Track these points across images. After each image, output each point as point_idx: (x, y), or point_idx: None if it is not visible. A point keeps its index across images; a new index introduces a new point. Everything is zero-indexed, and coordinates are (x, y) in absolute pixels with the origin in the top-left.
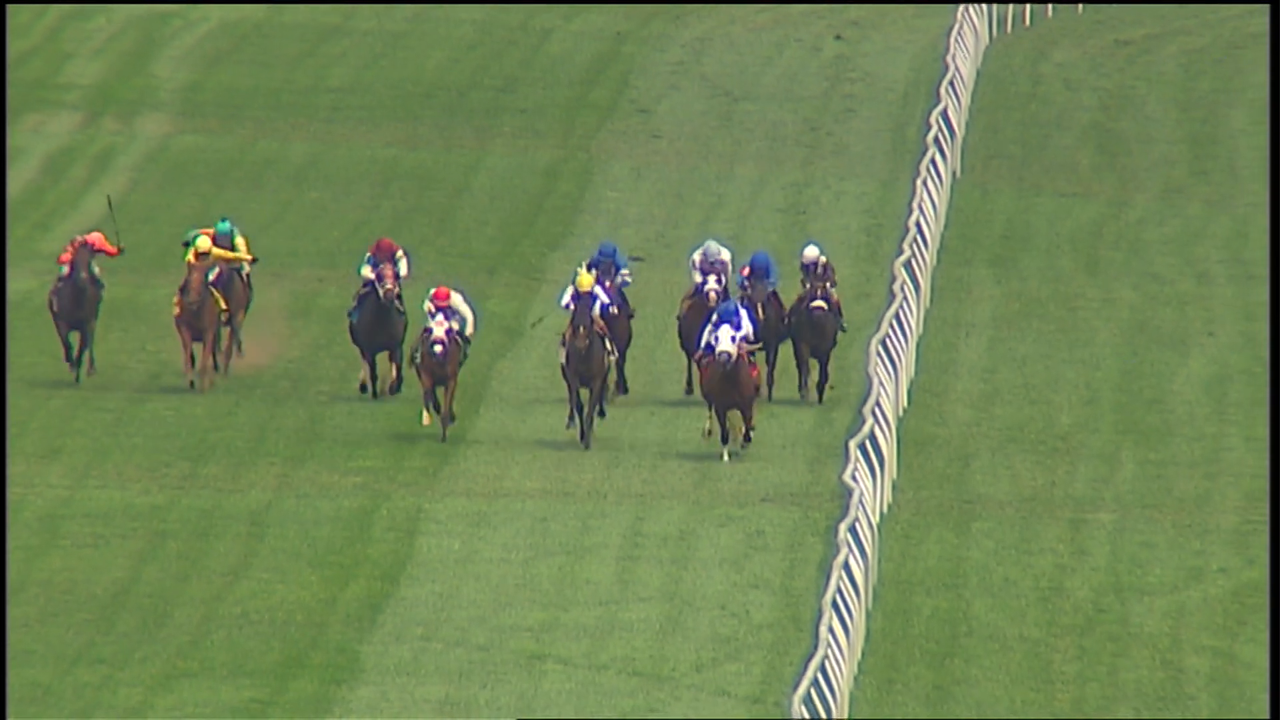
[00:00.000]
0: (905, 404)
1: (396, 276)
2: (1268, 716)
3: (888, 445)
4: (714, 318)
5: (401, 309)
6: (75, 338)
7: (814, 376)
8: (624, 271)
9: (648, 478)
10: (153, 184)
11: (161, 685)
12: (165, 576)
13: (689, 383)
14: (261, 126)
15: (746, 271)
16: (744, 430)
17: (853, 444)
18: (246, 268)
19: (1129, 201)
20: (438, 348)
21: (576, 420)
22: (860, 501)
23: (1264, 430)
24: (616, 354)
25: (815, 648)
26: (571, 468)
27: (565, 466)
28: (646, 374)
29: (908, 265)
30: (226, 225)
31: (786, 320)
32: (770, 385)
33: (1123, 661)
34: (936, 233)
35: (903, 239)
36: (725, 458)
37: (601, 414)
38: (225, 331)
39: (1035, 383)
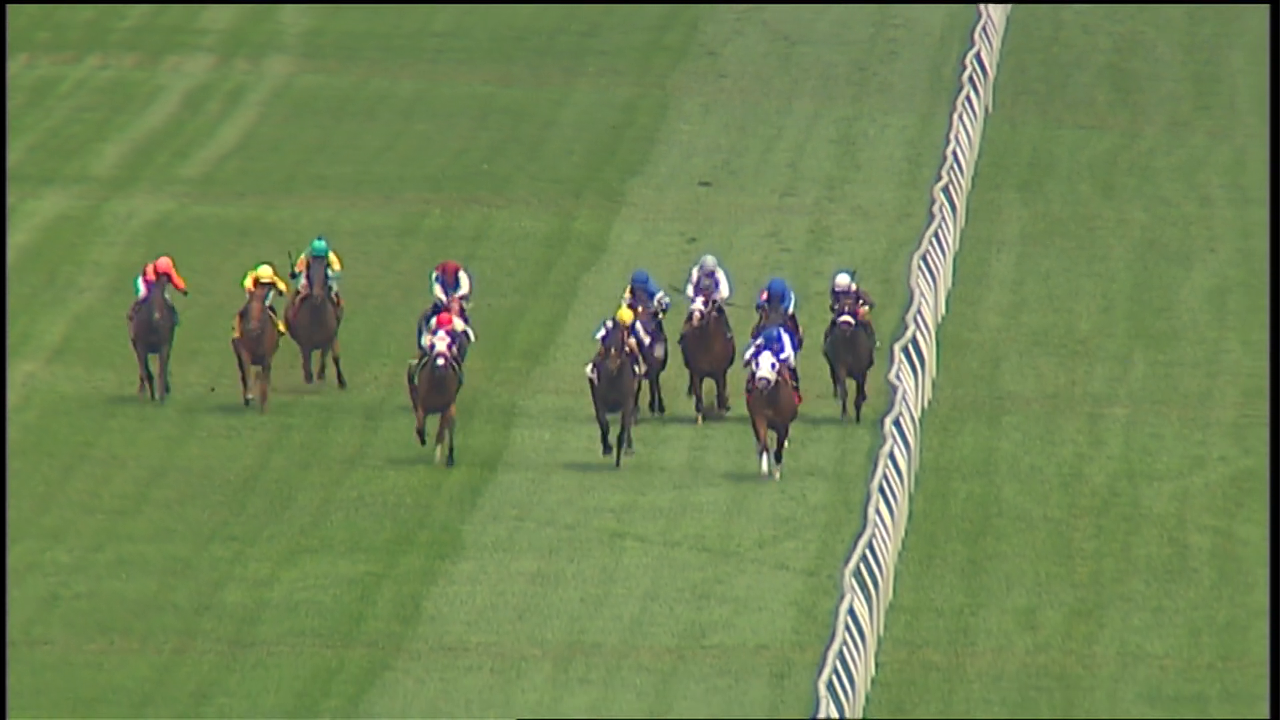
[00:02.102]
0: (943, 312)
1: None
2: (1267, 716)
3: (928, 348)
4: (757, 340)
5: (468, 334)
6: (153, 361)
7: (852, 395)
8: (659, 296)
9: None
10: (279, 118)
11: (286, 560)
12: (290, 464)
13: (696, 395)
14: (374, 66)
15: (765, 296)
16: (777, 449)
17: (897, 347)
18: (336, 286)
19: (1140, 133)
20: (440, 361)
21: (610, 446)
22: (903, 398)
23: (1261, 335)
24: (648, 372)
25: (864, 527)
26: None
27: None
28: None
29: (945, 190)
30: (322, 244)
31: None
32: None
33: (1135, 539)
34: (971, 161)
35: (941, 166)
36: (765, 470)
37: (629, 445)
38: (317, 355)
39: (1058, 293)
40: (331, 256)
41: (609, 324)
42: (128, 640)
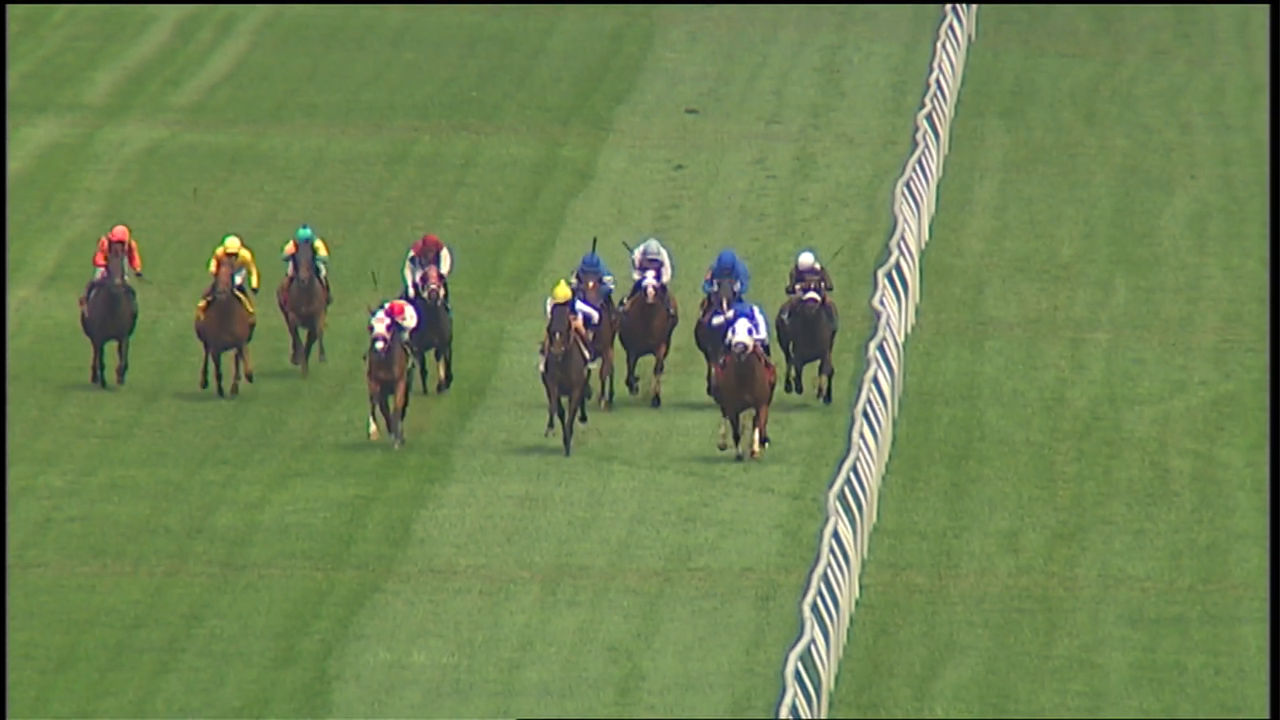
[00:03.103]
0: (927, 238)
1: (441, 277)
2: (1268, 716)
3: (911, 274)
4: (729, 315)
5: (448, 307)
6: (111, 349)
7: (814, 377)
8: (608, 279)
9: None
10: (269, 46)
11: (277, 483)
12: (281, 389)
13: (630, 381)
14: None
15: (709, 276)
16: (758, 433)
17: (881, 273)
18: (324, 270)
19: (1122, 61)
20: (379, 344)
21: (558, 426)
22: (887, 323)
23: (1239, 260)
24: (597, 361)
25: (848, 451)
26: None
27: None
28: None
29: (929, 117)
30: (308, 231)
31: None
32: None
33: (1116, 463)
34: (954, 88)
35: (924, 94)
36: (738, 458)
37: (583, 419)
38: (303, 333)
39: (1040, 219)
40: (318, 243)
41: (549, 305)
42: (120, 563)
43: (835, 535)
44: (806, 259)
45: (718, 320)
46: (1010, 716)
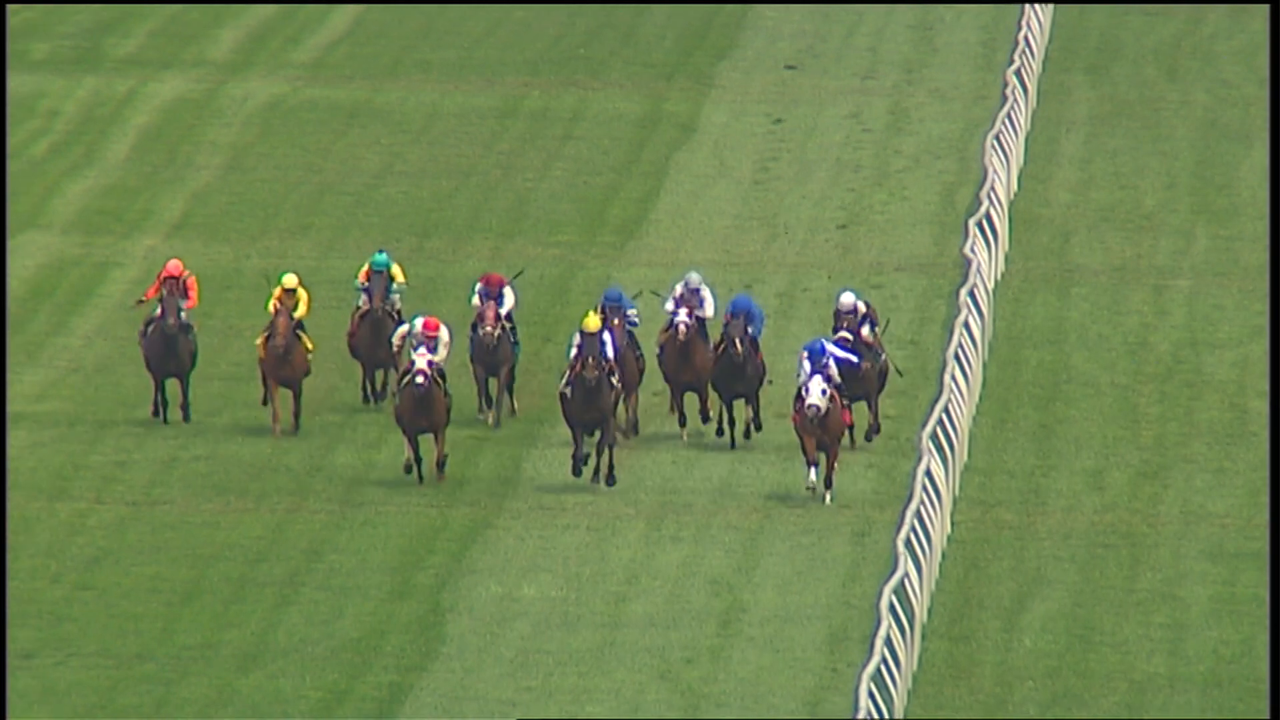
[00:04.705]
0: (1016, 189)
1: (498, 317)
2: (1268, 716)
3: (1001, 222)
4: (803, 355)
5: (514, 339)
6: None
7: (865, 421)
8: (631, 312)
9: (801, 249)
10: (386, 4)
11: (393, 425)
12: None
13: (678, 410)
14: None
15: (727, 318)
16: (828, 472)
17: (971, 222)
18: (398, 301)
19: (1202, 18)
20: (420, 379)
21: (586, 465)
22: (978, 270)
23: None
24: (623, 392)
25: (940, 393)
26: (736, 240)
27: (731, 239)
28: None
29: (1018, 73)
30: (384, 257)
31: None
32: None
33: (1197, 404)
34: (1042, 45)
35: (1013, 50)
36: (811, 488)
37: (610, 479)
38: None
39: (1124, 171)
40: (395, 269)
41: (578, 337)
42: (243, 500)
43: (928, 474)
44: (847, 299)
45: (798, 377)
46: (1095, 647)
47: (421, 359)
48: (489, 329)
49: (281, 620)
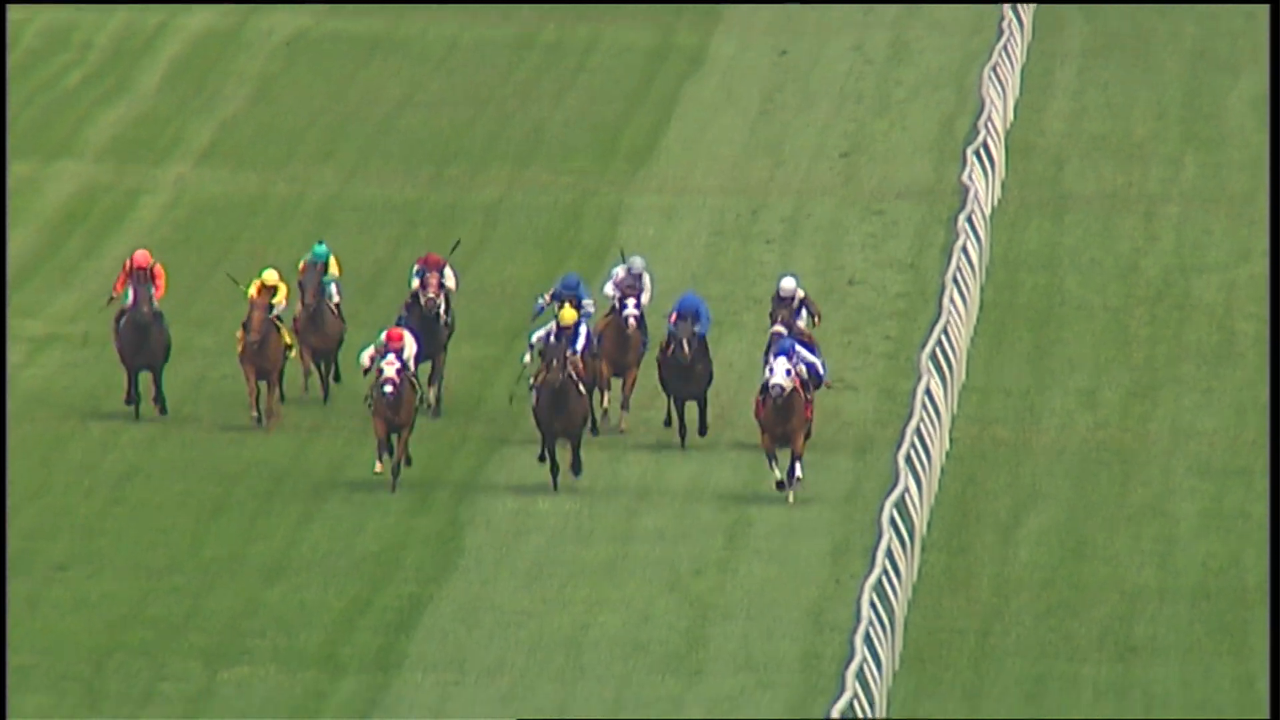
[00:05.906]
0: (1012, 118)
1: (441, 286)
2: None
3: (997, 151)
4: (771, 348)
5: (447, 319)
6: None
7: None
8: (586, 302)
9: (805, 176)
10: None
11: None
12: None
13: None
14: None
15: (674, 318)
16: (791, 465)
17: (969, 151)
18: (336, 297)
19: None
20: (388, 388)
21: (555, 468)
22: (975, 197)
23: None
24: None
25: (939, 315)
26: (742, 167)
27: (738, 167)
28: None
29: (1014, 6)
30: (323, 249)
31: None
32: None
33: (1186, 326)
34: None
35: None
36: (778, 485)
37: (575, 469)
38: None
39: (1116, 101)
40: (332, 261)
41: (553, 326)
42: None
43: (927, 392)
44: (788, 284)
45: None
46: (1088, 559)
47: (390, 366)
48: (432, 295)
49: (305, 535)
